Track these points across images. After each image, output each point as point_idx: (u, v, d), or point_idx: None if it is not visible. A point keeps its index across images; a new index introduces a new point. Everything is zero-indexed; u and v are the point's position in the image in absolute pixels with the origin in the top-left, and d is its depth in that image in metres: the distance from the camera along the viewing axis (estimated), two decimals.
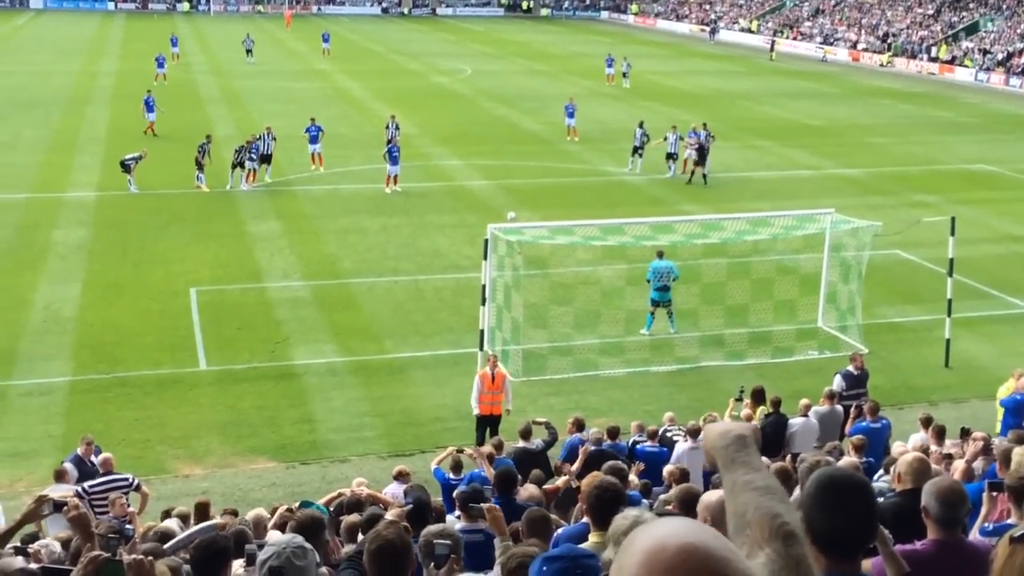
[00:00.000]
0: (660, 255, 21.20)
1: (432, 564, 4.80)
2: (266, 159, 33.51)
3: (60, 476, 12.28)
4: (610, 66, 60.19)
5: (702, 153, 34.43)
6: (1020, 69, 66.76)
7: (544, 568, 3.01)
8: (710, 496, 4.57)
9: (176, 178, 33.28)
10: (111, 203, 30.69)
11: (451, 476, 12.87)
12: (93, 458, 13.41)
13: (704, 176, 34.43)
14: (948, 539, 4.59)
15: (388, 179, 32.69)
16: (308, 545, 3.92)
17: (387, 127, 36.70)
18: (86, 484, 12.35)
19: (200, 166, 32.25)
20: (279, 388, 18.77)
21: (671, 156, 35.61)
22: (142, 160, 32.27)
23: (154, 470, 15.79)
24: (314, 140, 35.10)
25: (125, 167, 31.90)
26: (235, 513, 11.25)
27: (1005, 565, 1.87)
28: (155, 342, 20.49)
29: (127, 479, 12.57)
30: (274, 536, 7.05)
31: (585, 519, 6.69)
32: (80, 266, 24.96)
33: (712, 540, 1.67)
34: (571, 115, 41.99)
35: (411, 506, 8.22)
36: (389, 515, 7.09)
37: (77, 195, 31.51)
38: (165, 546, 6.44)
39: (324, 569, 5.73)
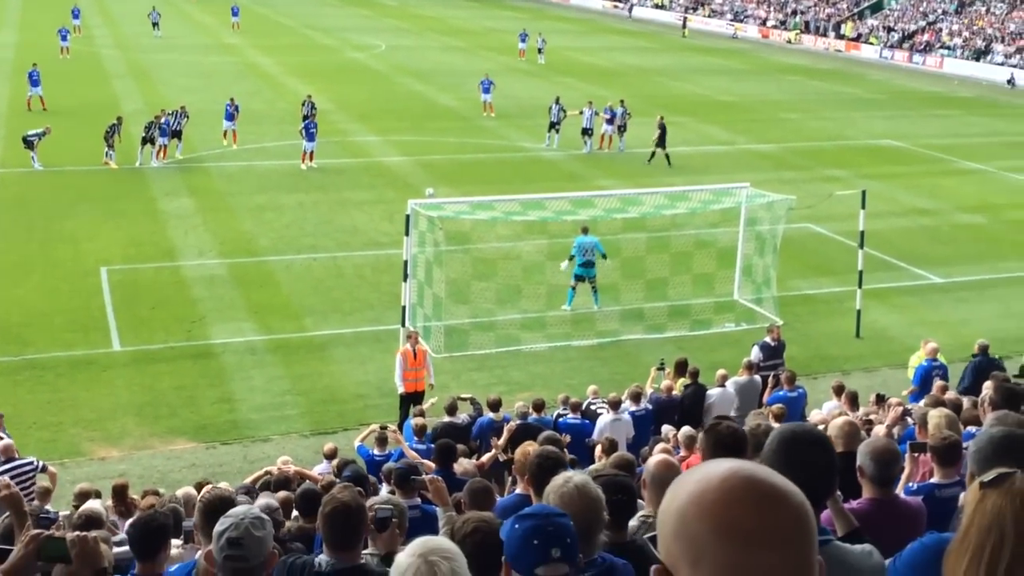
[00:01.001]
0: (585, 231, 21.31)
1: (375, 528, 4.77)
2: (176, 135, 32.76)
3: (6, 451, 11.90)
4: (523, 41, 60.19)
5: (663, 135, 33.89)
6: (923, 47, 68.59)
7: (516, 526, 3.01)
8: (650, 463, 4.62)
9: (83, 155, 32.33)
10: (14, 181, 29.69)
11: (376, 453, 12.82)
12: (4, 432, 13.03)
13: (667, 156, 33.98)
14: (883, 497, 4.72)
15: (304, 155, 32.25)
16: (265, 516, 3.86)
17: (303, 104, 36.18)
18: None
19: (109, 144, 31.38)
20: (197, 368, 18.43)
21: (586, 132, 35.79)
22: (46, 136, 31.25)
23: (68, 453, 15.40)
24: (229, 117, 34.39)
25: (28, 143, 30.86)
26: (157, 493, 11.04)
27: (976, 511, 1.92)
28: (66, 323, 19.94)
29: (32, 462, 12.24)
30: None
31: (520, 490, 6.72)
32: None
33: (756, 466, 1.70)
34: (487, 91, 41.91)
35: (350, 478, 8.16)
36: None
37: None
38: None
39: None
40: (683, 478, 1.73)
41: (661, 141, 34.06)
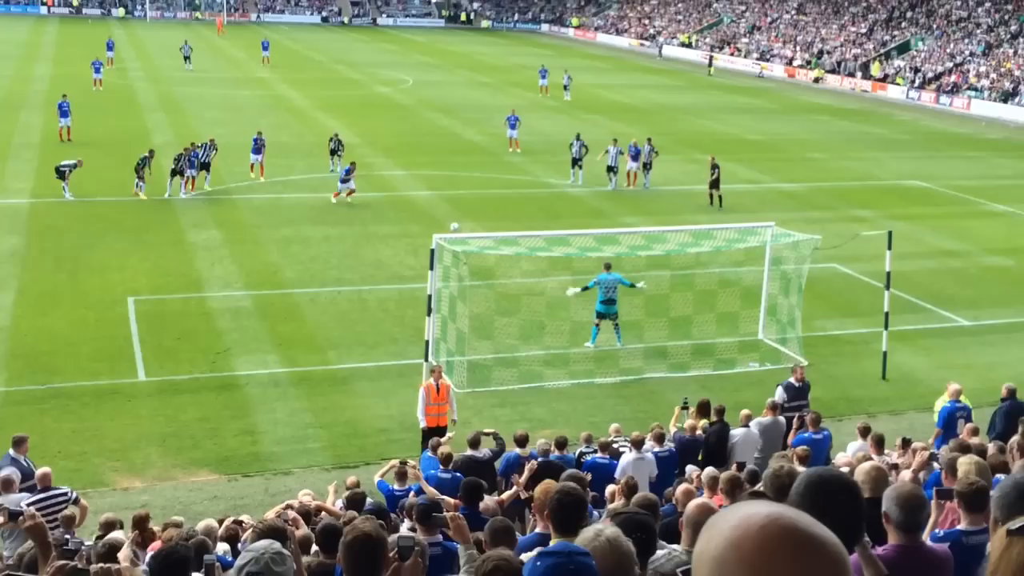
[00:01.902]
0: (607, 267, 21.32)
1: (397, 557, 4.76)
2: (205, 167, 33.12)
3: (7, 486, 11.92)
4: (544, 77, 60.55)
5: (716, 179, 33.60)
6: (950, 88, 68.46)
7: (538, 563, 3.00)
8: (690, 506, 4.60)
9: (113, 186, 32.73)
10: (45, 210, 30.06)
11: (396, 488, 12.78)
12: (26, 459, 13.10)
13: (719, 199, 33.67)
14: (909, 543, 4.67)
15: (342, 192, 32.26)
16: (286, 551, 3.86)
17: (330, 140, 36.82)
18: (25, 502, 12.04)
19: (140, 175, 31.74)
20: (221, 399, 18.50)
21: (611, 169, 35.86)
22: (78, 168, 31.65)
23: (91, 483, 15.45)
24: (256, 151, 34.72)
25: (60, 174, 31.26)
26: (178, 525, 11.04)
27: (1001, 557, 1.90)
28: (92, 352, 20.08)
29: (65, 493, 12.29)
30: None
31: (539, 528, 6.69)
32: (13, 274, 24.38)
33: (796, 513, 1.69)
34: (513, 127, 42.14)
35: (371, 511, 8.15)
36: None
37: (10, 202, 30.82)
38: None
39: None
40: (720, 521, 1.72)
41: (715, 182, 33.79)
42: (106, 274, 24.58)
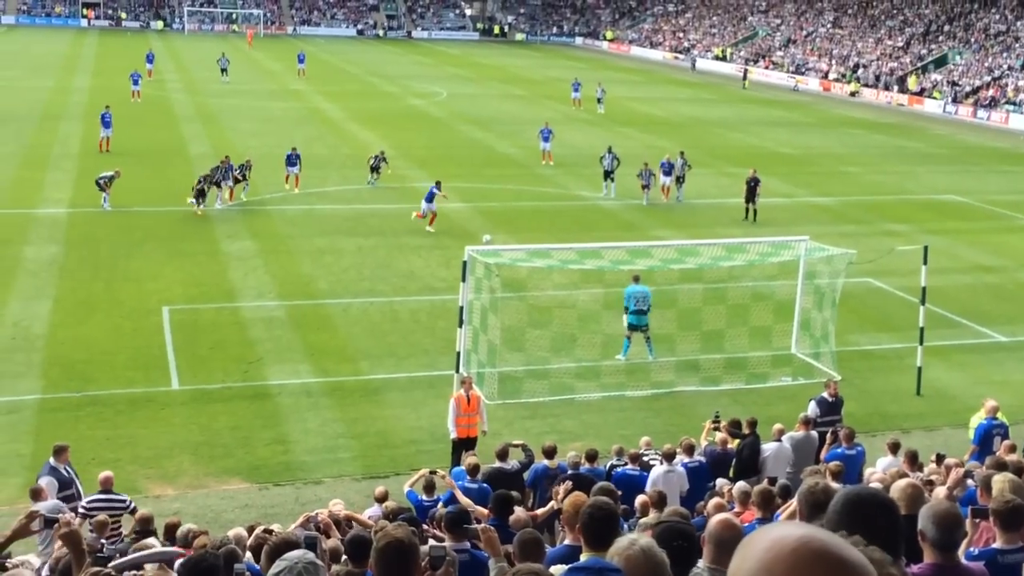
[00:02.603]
0: (636, 279, 21.27)
1: (429, 567, 4.75)
2: (239, 180, 33.37)
3: (36, 495, 12.06)
4: (576, 90, 60.60)
5: (752, 190, 33.57)
6: (988, 102, 67.80)
7: None
8: (712, 522, 4.56)
9: (150, 196, 33.09)
10: (83, 220, 30.43)
11: (424, 498, 12.80)
12: (67, 467, 13.24)
13: (755, 212, 33.62)
14: (945, 562, 4.61)
15: (427, 216, 31.00)
16: (320, 562, 3.88)
17: (374, 157, 36.77)
18: (84, 501, 12.21)
19: (212, 186, 31.85)
20: (253, 408, 18.60)
21: (645, 187, 35.61)
22: (116, 179, 32.02)
23: (125, 490, 15.48)
24: (291, 163, 34.91)
25: (100, 185, 31.64)
26: (205, 534, 11.11)
27: None
28: (127, 361, 20.27)
29: (124, 501, 12.43)
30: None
31: (569, 540, 6.66)
32: (51, 283, 24.69)
33: (828, 536, 1.69)
34: (546, 139, 42.17)
35: (405, 519, 8.16)
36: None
37: (49, 212, 31.23)
38: (112, 564, 6.29)
39: None
40: (754, 542, 1.72)
41: (751, 195, 33.70)
42: (142, 283, 24.83)
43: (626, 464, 14.04)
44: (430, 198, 31.05)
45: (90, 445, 16.78)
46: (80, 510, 11.80)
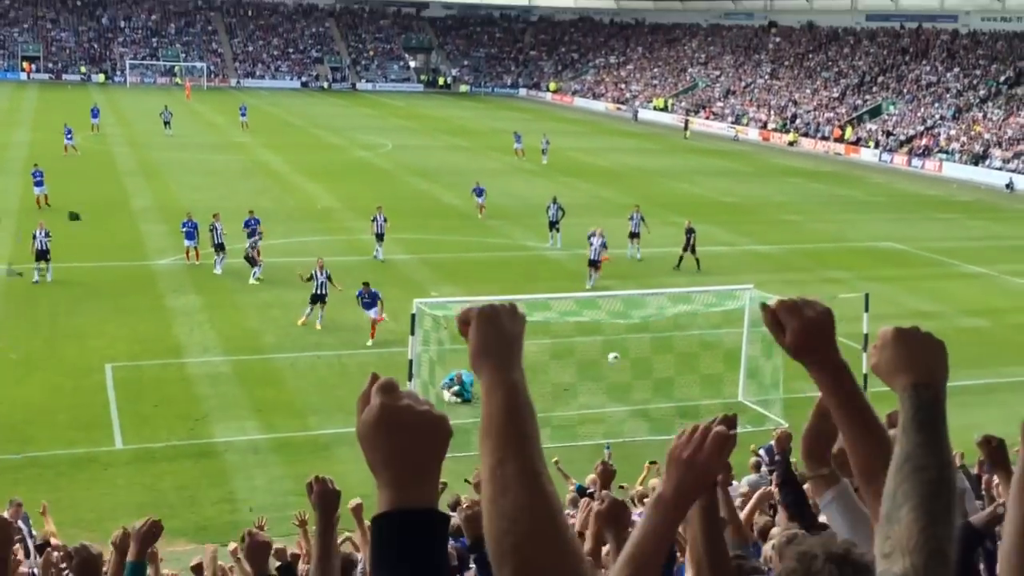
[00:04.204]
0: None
1: None
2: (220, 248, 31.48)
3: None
4: (518, 141, 60.93)
5: (689, 240, 33.97)
6: (922, 151, 69.59)
7: None
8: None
9: (92, 251, 32.63)
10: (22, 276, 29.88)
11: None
12: (21, 523, 12.93)
13: (697, 261, 34.00)
14: None
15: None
16: None
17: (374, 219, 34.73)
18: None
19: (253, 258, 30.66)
20: (199, 467, 18.31)
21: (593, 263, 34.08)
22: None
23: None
24: (251, 234, 32.42)
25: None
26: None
27: None
28: (69, 420, 19.88)
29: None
30: None
31: None
32: None
33: None
34: (480, 195, 41.39)
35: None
36: None
37: None
38: None
39: None
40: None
41: (689, 245, 34.13)
42: (84, 341, 24.42)
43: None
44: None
45: (30, 508, 16.29)
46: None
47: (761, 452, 16.96)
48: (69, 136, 53.68)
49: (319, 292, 26.40)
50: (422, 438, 1.69)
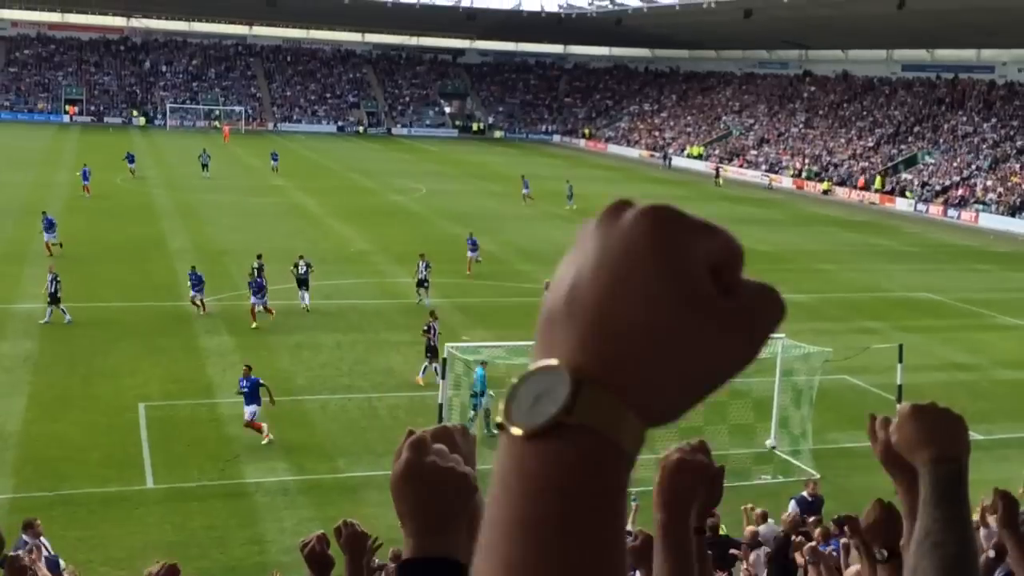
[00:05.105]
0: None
1: None
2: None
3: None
4: (526, 187, 60.83)
5: None
6: (958, 201, 69.17)
7: None
8: None
9: (128, 291, 33.05)
10: (60, 315, 30.26)
11: None
12: (42, 539, 13.10)
13: None
14: None
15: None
16: None
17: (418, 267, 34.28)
18: None
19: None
20: (229, 507, 18.38)
21: None
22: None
23: None
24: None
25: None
26: None
27: None
28: (101, 458, 20.05)
29: None
30: None
31: None
32: (25, 379, 24.50)
33: None
34: (473, 249, 40.54)
35: None
36: None
37: (26, 307, 31.10)
38: None
39: None
40: None
41: None
42: (118, 379, 24.67)
43: None
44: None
45: (61, 546, 16.44)
46: None
47: (791, 503, 16.81)
48: (86, 177, 54.24)
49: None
50: (445, 493, 1.80)
